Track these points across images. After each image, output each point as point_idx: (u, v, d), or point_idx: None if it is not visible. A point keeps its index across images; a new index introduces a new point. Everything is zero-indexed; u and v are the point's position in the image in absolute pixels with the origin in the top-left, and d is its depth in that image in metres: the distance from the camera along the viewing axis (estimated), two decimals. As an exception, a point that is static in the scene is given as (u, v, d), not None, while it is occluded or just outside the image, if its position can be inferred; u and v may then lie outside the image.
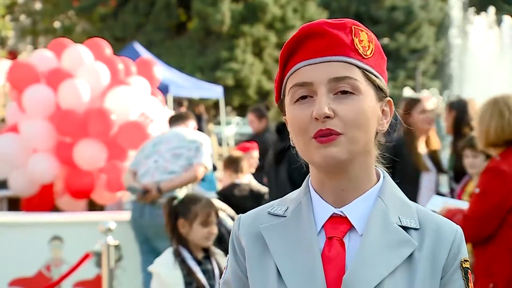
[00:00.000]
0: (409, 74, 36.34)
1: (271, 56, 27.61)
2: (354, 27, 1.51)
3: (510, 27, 14.34)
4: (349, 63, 1.49)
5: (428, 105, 5.55)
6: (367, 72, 1.51)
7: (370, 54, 1.52)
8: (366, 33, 1.53)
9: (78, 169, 7.24)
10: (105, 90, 7.47)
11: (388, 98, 1.57)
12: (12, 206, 7.68)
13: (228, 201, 5.97)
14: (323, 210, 1.53)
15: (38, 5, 32.03)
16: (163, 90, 11.72)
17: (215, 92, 19.34)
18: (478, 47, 13.75)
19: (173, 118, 6.32)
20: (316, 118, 1.46)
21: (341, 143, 1.46)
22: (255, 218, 1.59)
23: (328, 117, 1.46)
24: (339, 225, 1.51)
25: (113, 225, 5.01)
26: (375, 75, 1.52)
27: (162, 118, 7.57)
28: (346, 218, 1.51)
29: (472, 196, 3.95)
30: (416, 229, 1.51)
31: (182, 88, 17.03)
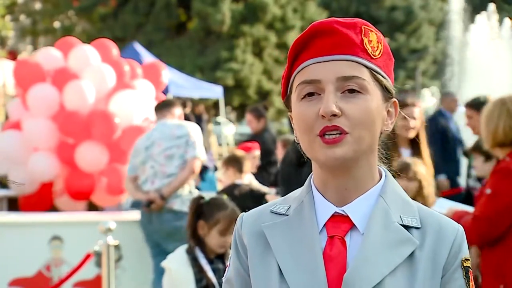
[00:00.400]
0: (409, 74, 36.34)
1: (271, 56, 27.60)
2: (364, 27, 1.52)
3: (510, 27, 14.35)
4: (358, 63, 1.50)
5: (411, 112, 5.15)
6: (375, 72, 1.52)
7: (379, 55, 1.53)
8: (376, 34, 1.54)
9: (79, 170, 7.23)
10: (110, 93, 7.45)
11: (394, 99, 1.59)
12: (12, 206, 7.68)
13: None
14: (325, 209, 1.54)
15: (38, 5, 32.01)
16: (163, 90, 11.70)
17: (215, 92, 19.33)
18: (478, 47, 13.76)
19: (159, 106, 6.24)
20: (323, 116, 1.46)
21: (347, 143, 1.47)
22: (258, 217, 1.59)
23: (335, 115, 1.46)
24: (341, 224, 1.52)
25: (113, 225, 5.01)
26: (383, 76, 1.54)
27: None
28: (348, 217, 1.52)
29: (483, 197, 3.91)
30: (418, 228, 1.52)
31: (182, 88, 17.02)
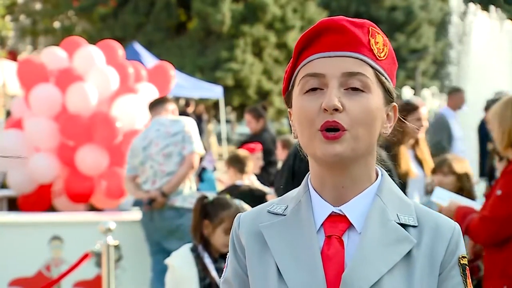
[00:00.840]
0: (409, 74, 36.35)
1: (271, 56, 27.59)
2: (372, 29, 1.54)
3: (511, 27, 14.34)
4: (363, 61, 1.51)
5: (424, 114, 5.51)
6: (379, 73, 1.53)
7: (384, 57, 1.54)
8: (382, 37, 1.55)
9: (79, 173, 7.23)
10: (113, 96, 7.43)
11: (394, 104, 1.59)
12: (12, 206, 7.68)
13: None
14: (322, 209, 1.54)
15: (38, 5, 32.01)
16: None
17: (215, 92, 19.34)
18: (478, 47, 13.75)
19: (152, 104, 6.24)
20: (325, 110, 1.47)
21: (346, 140, 1.48)
22: (255, 217, 1.60)
23: (337, 110, 1.47)
24: (338, 224, 1.52)
25: (113, 225, 5.01)
26: (386, 78, 1.55)
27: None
28: (345, 217, 1.52)
29: (493, 197, 3.88)
30: (415, 227, 1.53)
31: (182, 88, 17.02)
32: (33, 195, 7.40)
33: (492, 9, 14.70)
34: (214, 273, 3.76)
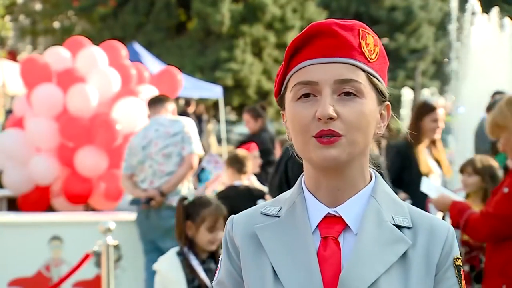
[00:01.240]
0: (409, 74, 36.34)
1: (271, 56, 27.59)
2: (362, 30, 1.53)
3: (511, 27, 14.33)
4: (355, 66, 1.50)
5: (440, 115, 5.57)
6: (371, 76, 1.52)
7: (375, 58, 1.54)
8: (373, 37, 1.55)
9: (78, 174, 7.22)
10: (115, 98, 7.42)
11: (387, 102, 1.59)
12: (12, 206, 7.68)
13: (225, 204, 5.94)
14: (317, 210, 1.54)
15: (38, 6, 32.01)
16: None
17: (215, 92, 19.32)
18: (478, 47, 13.76)
19: (152, 102, 6.23)
20: (319, 118, 1.47)
21: (341, 145, 1.48)
22: (249, 218, 1.59)
23: (331, 119, 1.47)
24: (334, 225, 1.52)
25: (113, 225, 5.01)
26: (378, 79, 1.54)
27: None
28: (341, 218, 1.52)
29: (499, 195, 3.85)
30: (409, 228, 1.53)
31: (182, 88, 16.99)
32: (32, 196, 7.40)
33: (492, 9, 14.71)
34: (203, 275, 3.76)
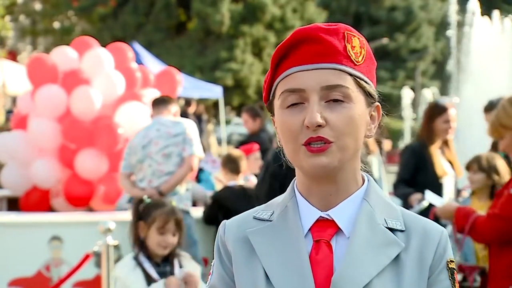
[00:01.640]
0: (409, 74, 36.36)
1: (271, 56, 27.62)
2: (347, 33, 1.52)
3: (510, 28, 14.34)
4: (342, 71, 1.49)
5: (452, 115, 5.56)
6: (359, 79, 1.51)
7: (362, 60, 1.52)
8: (358, 39, 1.53)
9: (78, 177, 7.21)
10: (119, 101, 7.41)
11: (377, 103, 1.58)
12: (12, 206, 7.68)
13: (221, 204, 5.93)
14: (310, 214, 1.53)
15: (38, 6, 32.02)
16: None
17: (215, 92, 19.32)
18: (478, 47, 13.76)
19: (156, 102, 6.24)
20: (308, 126, 1.46)
21: (332, 152, 1.47)
22: (241, 223, 1.59)
23: (320, 126, 1.46)
24: (326, 228, 1.51)
25: (113, 225, 5.00)
26: (366, 82, 1.53)
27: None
28: (333, 221, 1.52)
29: (505, 196, 3.83)
30: (402, 231, 1.52)
31: (182, 88, 17.00)
32: (33, 197, 7.40)
33: (492, 9, 14.72)
34: (156, 276, 3.76)
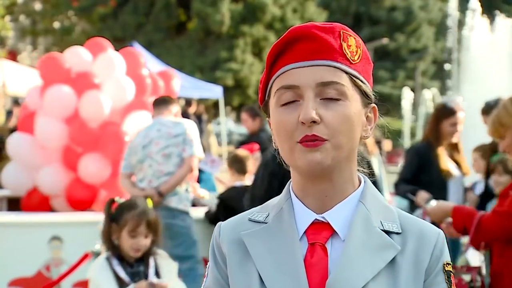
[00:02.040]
0: (409, 74, 36.37)
1: (271, 56, 27.63)
2: (343, 32, 1.51)
3: (510, 28, 14.34)
4: (337, 68, 1.48)
5: (460, 119, 5.54)
6: (354, 78, 1.50)
7: (358, 60, 1.51)
8: (354, 38, 1.52)
9: (80, 180, 7.20)
10: (128, 108, 7.38)
11: (373, 105, 1.57)
12: (12, 206, 7.67)
13: (226, 205, 5.92)
14: (305, 216, 1.52)
15: (38, 6, 32.03)
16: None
17: (215, 92, 19.33)
18: (478, 47, 13.77)
19: (157, 102, 6.24)
20: (303, 123, 1.45)
21: (326, 149, 1.45)
22: (236, 225, 1.58)
23: (314, 122, 1.45)
24: (321, 231, 1.50)
25: (113, 225, 5.00)
26: (362, 81, 1.52)
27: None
28: (328, 224, 1.50)
29: (511, 196, 3.85)
30: (398, 233, 1.51)
31: (182, 88, 16.98)
32: (34, 198, 7.39)
33: (492, 9, 14.73)
34: (126, 279, 3.73)
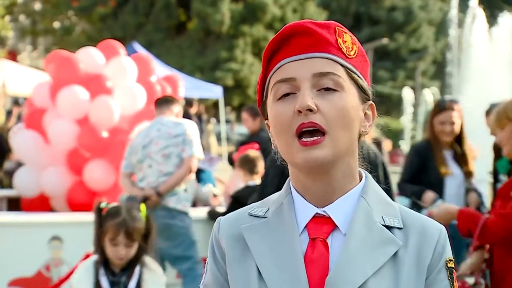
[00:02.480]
0: (409, 74, 36.38)
1: (271, 56, 27.65)
2: (338, 28, 1.52)
3: (510, 28, 14.35)
4: (333, 60, 1.48)
5: (449, 118, 5.44)
6: (350, 71, 1.50)
7: (354, 55, 1.52)
8: (350, 36, 1.53)
9: (84, 185, 7.19)
10: (137, 115, 7.37)
11: (371, 102, 1.57)
12: (12, 206, 7.67)
13: (241, 204, 5.93)
14: (306, 210, 1.51)
15: (38, 5, 32.05)
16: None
17: (215, 92, 19.34)
18: (478, 47, 13.78)
19: (158, 102, 6.25)
20: (299, 111, 1.44)
21: (325, 145, 1.44)
22: (236, 220, 1.57)
23: (311, 111, 1.44)
24: (322, 226, 1.49)
25: (113, 225, 5.00)
26: (358, 75, 1.52)
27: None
28: (330, 218, 1.49)
29: None
30: (400, 229, 1.50)
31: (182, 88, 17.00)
32: (36, 199, 7.39)
33: (492, 9, 14.73)
34: (106, 287, 3.69)
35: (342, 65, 1.49)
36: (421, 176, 5.49)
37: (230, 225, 1.56)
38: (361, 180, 1.55)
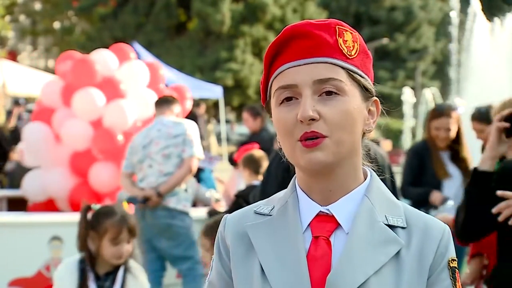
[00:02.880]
0: (409, 74, 36.35)
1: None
2: (338, 27, 1.51)
3: (510, 28, 14.35)
4: (334, 64, 1.48)
5: (444, 124, 5.43)
6: (352, 73, 1.50)
7: (355, 54, 1.51)
8: (351, 33, 1.52)
9: (88, 186, 7.18)
10: (147, 122, 7.36)
11: (375, 98, 1.56)
12: (12, 206, 7.67)
13: (247, 203, 5.93)
14: (310, 209, 1.52)
15: (38, 6, 32.05)
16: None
17: (215, 92, 19.33)
18: (478, 47, 13.78)
19: (159, 102, 6.24)
20: (301, 121, 1.45)
21: (327, 147, 1.46)
22: (241, 217, 1.58)
23: (313, 120, 1.45)
24: (326, 224, 1.50)
25: (113, 225, 5.00)
26: (360, 75, 1.52)
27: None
28: (333, 217, 1.50)
29: None
30: (403, 228, 1.50)
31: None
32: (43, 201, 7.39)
33: (492, 9, 14.73)
34: None
35: (343, 68, 1.49)
36: (420, 178, 5.49)
37: (236, 223, 1.57)
38: (366, 179, 1.55)
